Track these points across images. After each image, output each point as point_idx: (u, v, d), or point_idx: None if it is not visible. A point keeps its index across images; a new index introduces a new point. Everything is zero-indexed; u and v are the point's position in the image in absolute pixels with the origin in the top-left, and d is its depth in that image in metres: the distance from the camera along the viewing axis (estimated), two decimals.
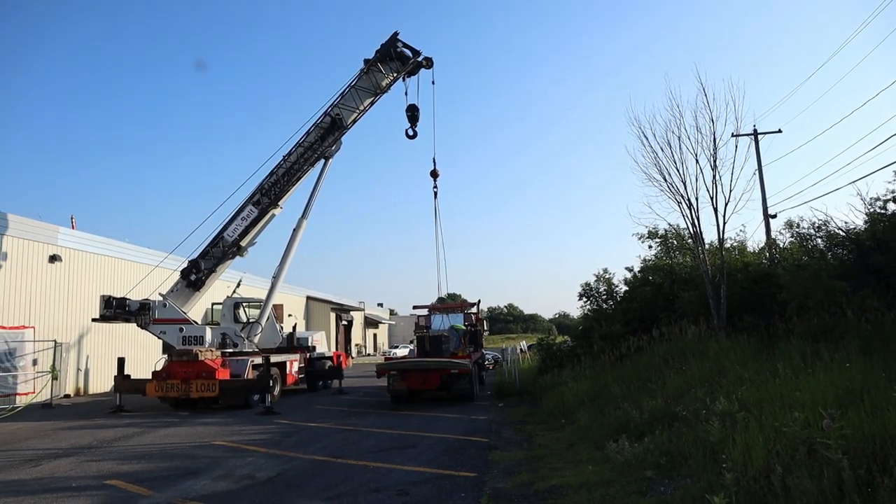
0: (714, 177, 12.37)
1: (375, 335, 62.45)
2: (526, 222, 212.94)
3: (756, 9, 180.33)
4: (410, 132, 18.38)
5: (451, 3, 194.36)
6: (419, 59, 18.01)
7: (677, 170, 12.79)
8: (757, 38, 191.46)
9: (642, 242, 19.81)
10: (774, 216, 19.02)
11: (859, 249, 11.74)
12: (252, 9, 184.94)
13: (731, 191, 12.26)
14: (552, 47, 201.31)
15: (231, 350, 17.02)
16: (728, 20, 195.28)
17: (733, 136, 12.82)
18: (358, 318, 52.42)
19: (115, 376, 16.14)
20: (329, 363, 21.94)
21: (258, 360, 16.38)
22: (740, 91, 21.66)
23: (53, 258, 19.40)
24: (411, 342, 27.89)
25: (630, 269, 19.68)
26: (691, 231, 13.38)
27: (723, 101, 13.78)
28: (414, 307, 23.68)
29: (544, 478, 6.81)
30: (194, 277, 17.20)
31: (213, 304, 21.62)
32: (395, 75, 18.08)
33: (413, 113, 18.24)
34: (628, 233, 30.03)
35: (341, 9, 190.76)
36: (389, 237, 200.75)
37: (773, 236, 17.98)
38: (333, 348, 35.37)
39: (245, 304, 19.47)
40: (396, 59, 17.89)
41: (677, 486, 5.60)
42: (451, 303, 25.38)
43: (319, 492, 6.65)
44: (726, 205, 12.34)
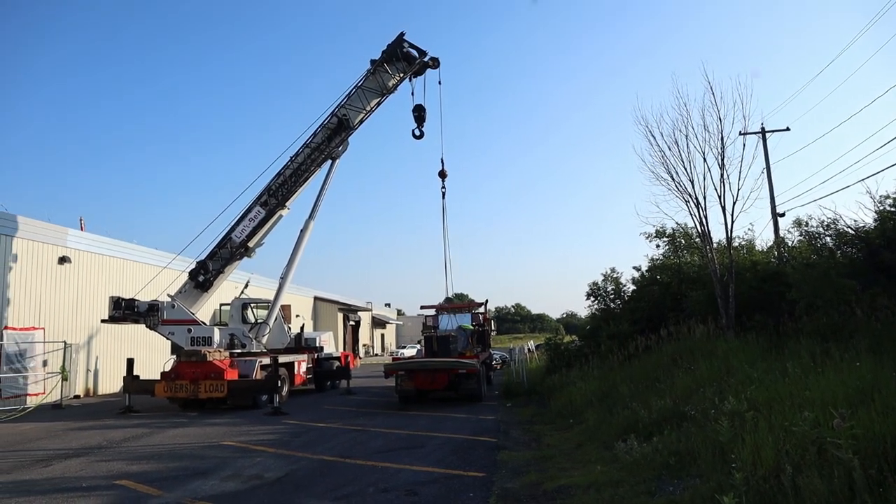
0: (722, 175, 12.34)
1: (383, 335, 62.62)
2: (533, 222, 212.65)
3: (765, 8, 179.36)
4: (417, 132, 18.39)
5: (458, 4, 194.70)
6: (425, 59, 18.01)
7: (685, 168, 12.78)
8: (765, 36, 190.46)
9: (650, 242, 19.79)
10: (783, 215, 18.94)
11: (869, 248, 11.66)
12: (256, 9, 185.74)
13: (738, 189, 12.24)
14: (559, 48, 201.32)
15: (239, 351, 17.11)
16: (735, 20, 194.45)
17: (741, 134, 12.74)
18: (365, 318, 52.56)
19: (124, 377, 16.26)
20: (337, 363, 21.99)
21: (266, 360, 16.43)
22: (748, 89, 21.46)
23: (63, 260, 19.53)
24: (419, 342, 27.88)
25: (638, 269, 19.66)
26: (699, 230, 13.32)
27: (730, 100, 13.66)
28: (421, 307, 23.80)
29: (553, 478, 6.79)
30: (202, 278, 17.32)
31: (221, 304, 21.75)
32: (401, 76, 18.08)
33: (420, 113, 18.25)
34: (636, 232, 29.81)
35: (348, 9, 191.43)
36: (396, 237, 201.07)
37: (781, 235, 17.86)
38: (341, 349, 35.55)
39: (253, 305, 19.52)
40: (403, 60, 17.91)
41: (686, 487, 5.58)
42: (458, 303, 25.36)
43: (328, 492, 6.66)
44: (734, 203, 12.32)
